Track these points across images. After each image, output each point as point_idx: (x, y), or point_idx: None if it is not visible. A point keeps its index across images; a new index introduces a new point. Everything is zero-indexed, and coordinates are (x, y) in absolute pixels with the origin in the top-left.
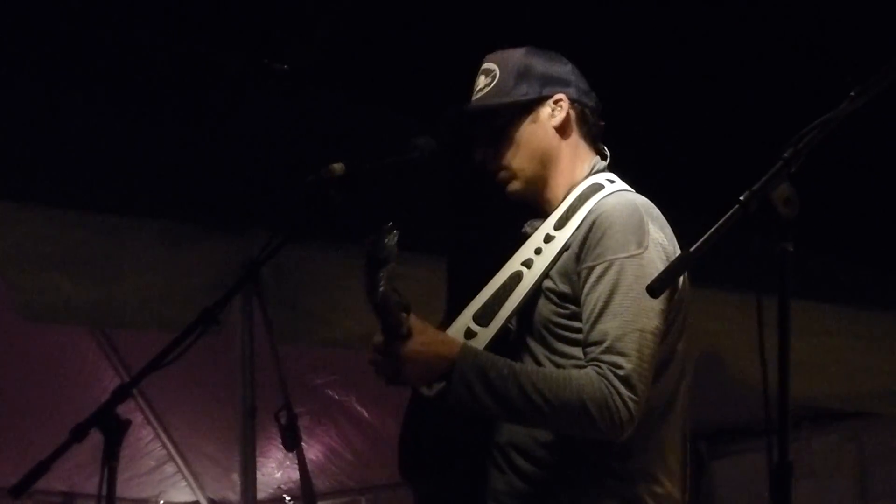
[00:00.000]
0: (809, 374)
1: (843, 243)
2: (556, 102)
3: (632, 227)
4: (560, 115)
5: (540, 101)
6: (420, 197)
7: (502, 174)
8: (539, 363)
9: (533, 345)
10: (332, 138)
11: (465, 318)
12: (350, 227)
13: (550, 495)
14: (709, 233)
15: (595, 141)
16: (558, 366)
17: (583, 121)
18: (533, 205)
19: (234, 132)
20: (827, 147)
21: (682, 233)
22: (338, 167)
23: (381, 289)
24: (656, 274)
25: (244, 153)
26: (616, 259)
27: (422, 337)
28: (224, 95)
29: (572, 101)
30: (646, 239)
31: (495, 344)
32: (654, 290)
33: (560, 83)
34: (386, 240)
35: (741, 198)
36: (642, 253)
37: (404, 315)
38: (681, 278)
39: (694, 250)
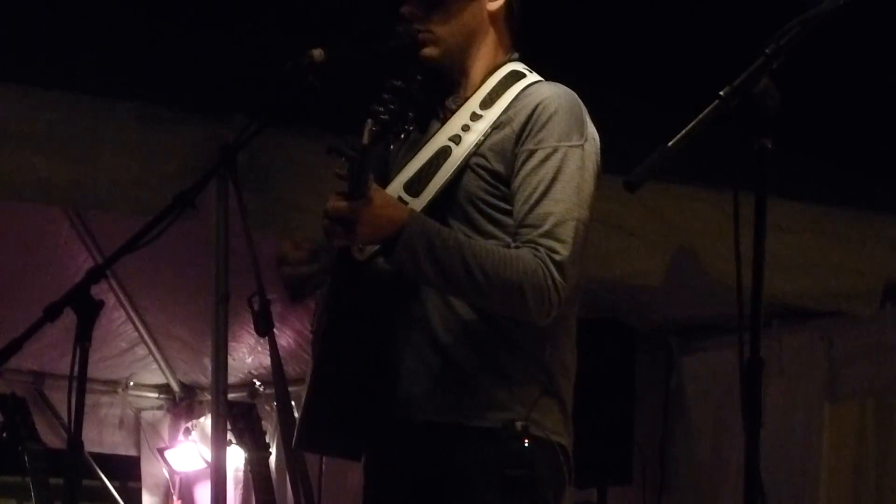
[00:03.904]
0: (782, 272)
1: (821, 142)
2: None
3: (575, 117)
4: (496, 3)
5: None
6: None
7: (424, 35)
8: None
9: (455, 224)
10: (314, 23)
11: (396, 187)
12: (328, 116)
13: (475, 379)
14: (688, 127)
15: (514, 36)
16: None
17: (511, 14)
18: (442, 76)
19: (215, 13)
20: (809, 44)
21: (654, 128)
22: (317, 53)
23: (367, 141)
24: (593, 167)
25: (224, 35)
26: (561, 146)
27: (379, 199)
28: None
29: None
30: (586, 131)
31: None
32: (633, 183)
33: None
34: (387, 96)
35: (721, 92)
36: (583, 144)
37: (371, 176)
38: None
39: (672, 144)
